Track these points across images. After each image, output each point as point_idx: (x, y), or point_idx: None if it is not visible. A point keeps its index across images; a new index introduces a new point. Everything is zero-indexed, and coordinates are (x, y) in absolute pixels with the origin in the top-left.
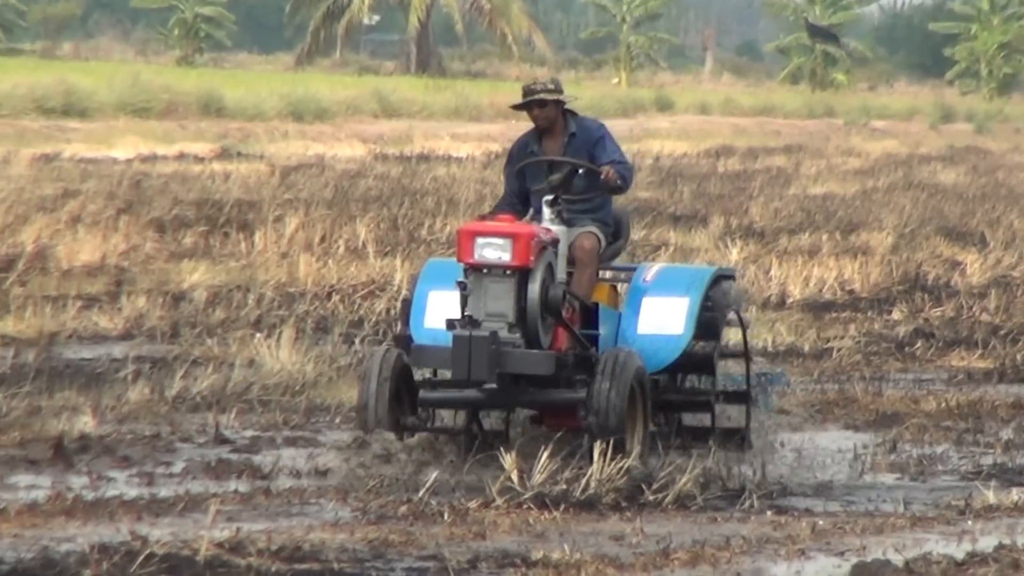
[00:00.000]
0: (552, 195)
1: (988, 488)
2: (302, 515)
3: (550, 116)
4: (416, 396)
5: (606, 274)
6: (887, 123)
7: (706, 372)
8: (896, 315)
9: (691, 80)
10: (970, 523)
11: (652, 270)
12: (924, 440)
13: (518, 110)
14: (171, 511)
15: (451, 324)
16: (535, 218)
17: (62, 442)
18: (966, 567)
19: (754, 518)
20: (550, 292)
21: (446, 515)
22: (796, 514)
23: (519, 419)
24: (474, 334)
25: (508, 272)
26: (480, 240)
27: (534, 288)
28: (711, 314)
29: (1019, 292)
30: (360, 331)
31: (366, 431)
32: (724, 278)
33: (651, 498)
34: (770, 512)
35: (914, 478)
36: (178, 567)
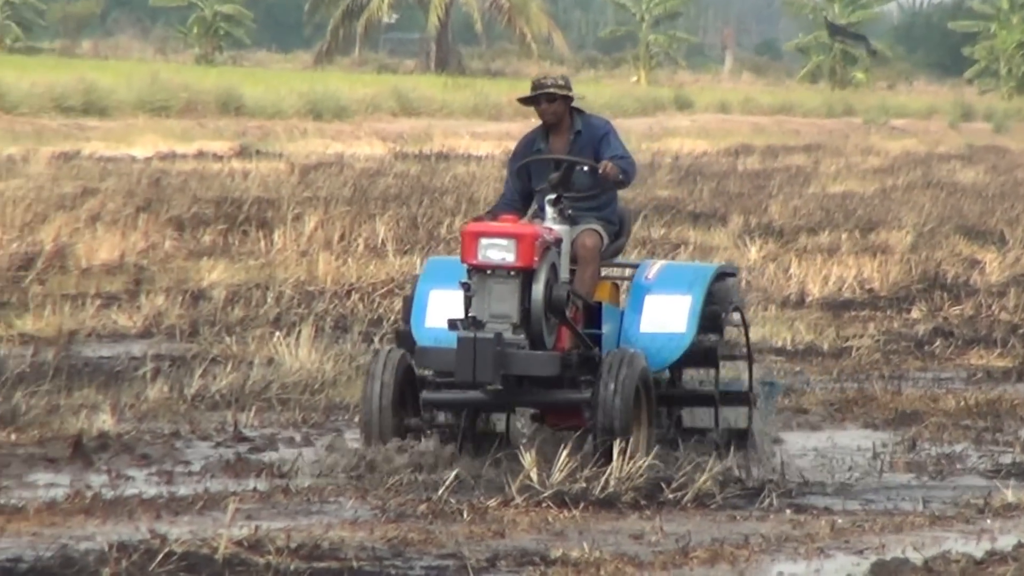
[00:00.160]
0: (555, 194)
1: (1007, 487)
2: (321, 513)
3: (558, 112)
4: (419, 397)
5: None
6: (906, 122)
7: (709, 365)
8: (915, 314)
9: (710, 79)
10: (989, 522)
11: (654, 267)
12: (943, 439)
13: (526, 104)
14: (190, 509)
15: (453, 324)
16: (537, 215)
17: (81, 440)
18: (985, 566)
19: (773, 516)
20: (554, 292)
21: (465, 513)
22: (815, 512)
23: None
24: (478, 336)
25: (512, 273)
26: (484, 241)
27: (538, 289)
28: (713, 307)
29: None
30: (379, 330)
31: (369, 432)
32: (726, 275)
33: (670, 497)
34: (789, 510)
35: (933, 477)
36: (197, 565)
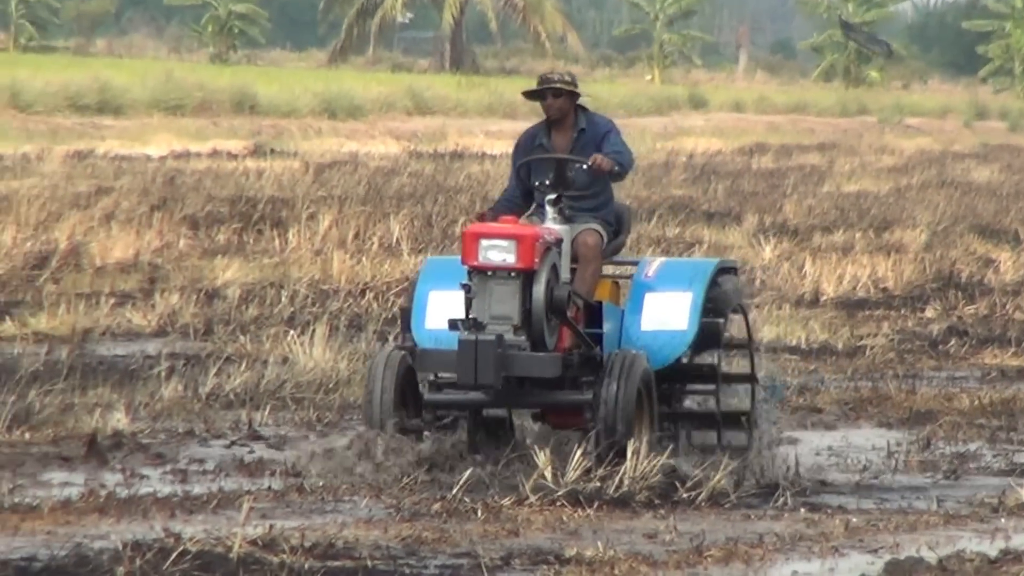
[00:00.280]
0: (554, 193)
1: (1022, 486)
2: (335, 512)
3: (563, 108)
4: (420, 397)
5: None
6: (920, 121)
7: (712, 346)
8: (929, 313)
9: (725, 78)
10: (1003, 521)
11: (654, 265)
12: (957, 438)
13: (531, 98)
14: (204, 508)
15: (453, 324)
16: (536, 213)
17: (95, 439)
18: (999, 565)
19: (787, 515)
20: (555, 293)
21: (479, 512)
22: (830, 511)
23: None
24: (479, 338)
25: (513, 274)
26: (484, 242)
27: (539, 290)
28: (718, 290)
29: None
30: (394, 328)
31: (370, 432)
32: (727, 271)
33: (684, 496)
34: (804, 509)
35: (947, 476)
36: (211, 564)
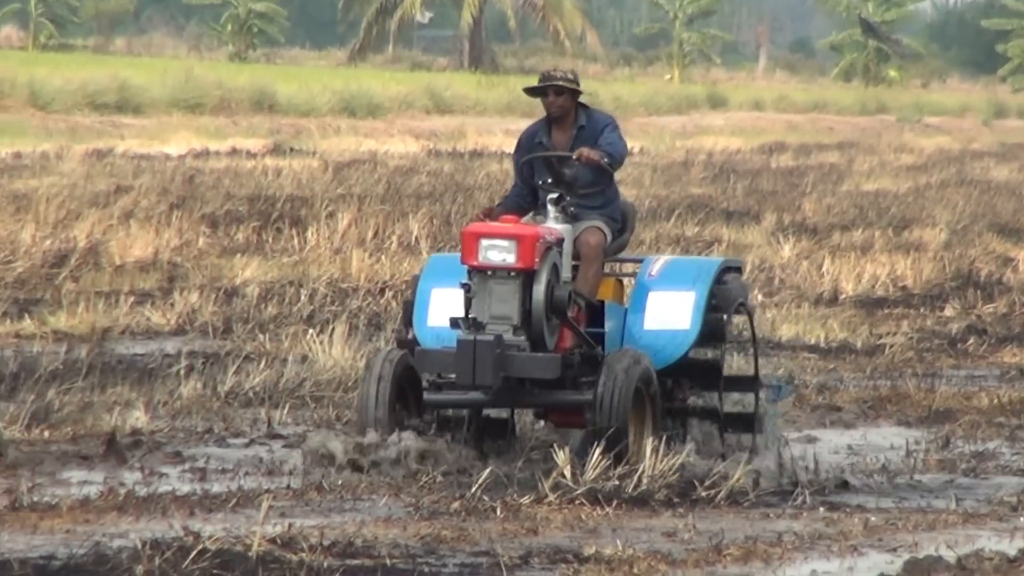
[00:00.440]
0: (556, 192)
1: None
2: (354, 511)
3: (564, 105)
4: (419, 397)
5: (619, 268)
6: (940, 119)
7: (717, 339)
8: (948, 311)
9: (744, 77)
10: (1022, 519)
11: (658, 264)
12: (976, 436)
13: (533, 95)
14: (223, 507)
15: (455, 322)
16: (540, 212)
17: (114, 438)
18: (1018, 563)
19: (806, 514)
20: (555, 293)
21: (498, 511)
22: (848, 510)
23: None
24: (478, 338)
25: (513, 274)
26: (484, 242)
27: (539, 290)
28: (722, 290)
29: None
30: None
31: (365, 433)
32: (731, 270)
33: (703, 494)
34: (822, 508)
35: (966, 474)
36: (230, 563)
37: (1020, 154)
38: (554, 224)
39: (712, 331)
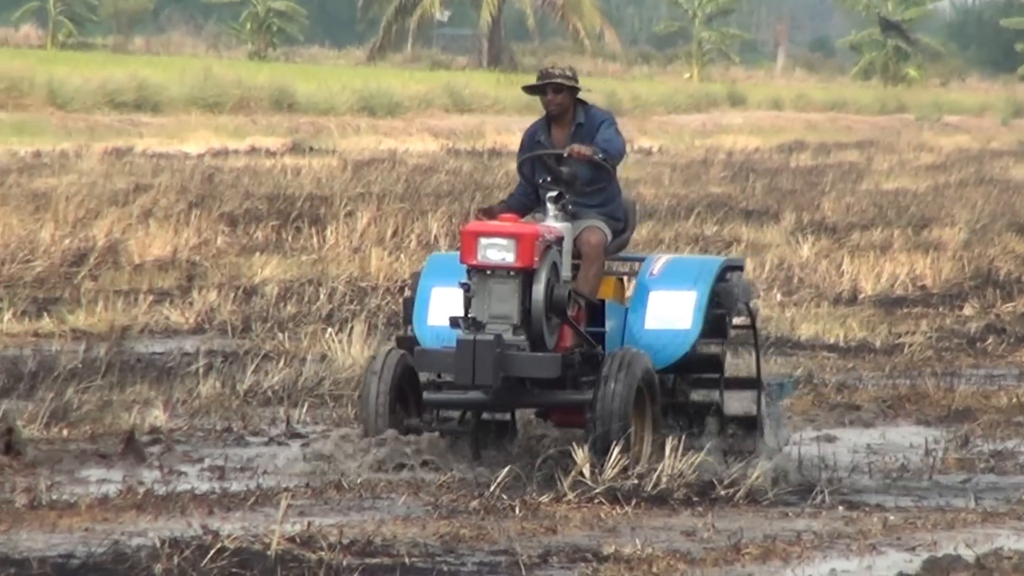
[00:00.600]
0: (556, 191)
1: None
2: (373, 509)
3: (563, 103)
4: (421, 397)
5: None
6: (959, 118)
7: (719, 334)
8: (968, 311)
9: (763, 75)
10: None
11: (659, 263)
12: (996, 435)
13: (531, 93)
14: (242, 505)
15: (455, 321)
16: (540, 210)
17: (133, 436)
18: None
19: (825, 513)
20: (555, 292)
21: (517, 509)
22: (867, 509)
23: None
24: (478, 338)
25: (512, 273)
26: (483, 241)
27: (539, 289)
28: (724, 289)
29: None
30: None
31: (367, 433)
32: (733, 269)
33: (722, 493)
34: (841, 507)
35: (985, 473)
36: (249, 561)
37: None
38: (554, 223)
39: (713, 329)
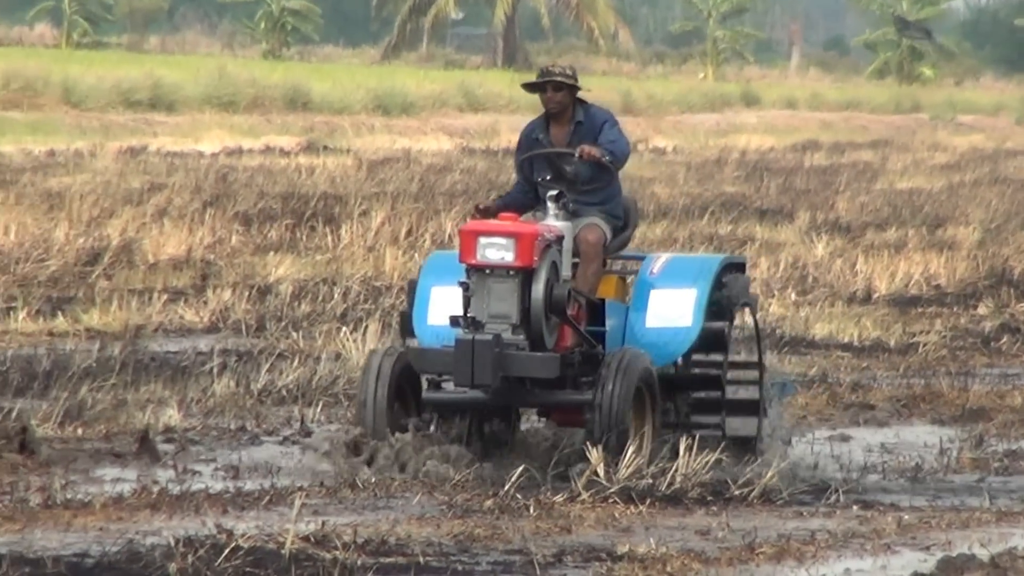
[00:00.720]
0: (556, 189)
1: None
2: (388, 509)
3: (563, 101)
4: (420, 396)
5: (618, 265)
6: (973, 118)
7: (717, 349)
8: (982, 310)
9: (778, 75)
10: None
11: (659, 261)
12: (1010, 435)
13: (531, 91)
14: (256, 504)
15: (455, 320)
16: (540, 209)
17: (147, 435)
18: None
19: (840, 512)
20: (555, 292)
21: (532, 509)
22: (882, 509)
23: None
24: (477, 338)
25: (511, 273)
26: (483, 240)
27: (538, 289)
28: (725, 288)
29: None
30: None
31: (364, 432)
32: (734, 267)
33: (737, 493)
34: (856, 507)
35: (1000, 473)
36: (263, 560)
37: None
38: (553, 221)
39: (713, 334)
